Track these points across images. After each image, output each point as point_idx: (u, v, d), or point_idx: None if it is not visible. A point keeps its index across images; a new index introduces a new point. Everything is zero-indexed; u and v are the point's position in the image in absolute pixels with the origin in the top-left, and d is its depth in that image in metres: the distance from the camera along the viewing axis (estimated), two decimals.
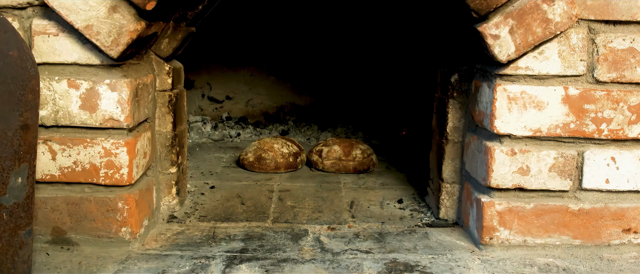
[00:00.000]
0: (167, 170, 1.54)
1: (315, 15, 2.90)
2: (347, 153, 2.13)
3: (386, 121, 2.97)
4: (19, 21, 1.24)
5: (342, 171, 2.12)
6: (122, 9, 1.21)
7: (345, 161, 2.11)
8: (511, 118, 1.30)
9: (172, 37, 1.49)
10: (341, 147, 2.14)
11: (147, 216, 1.41)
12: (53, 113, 1.25)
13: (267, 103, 3.09)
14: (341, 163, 2.12)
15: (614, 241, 1.36)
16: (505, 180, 1.33)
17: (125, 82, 1.25)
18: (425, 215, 1.65)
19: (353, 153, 2.14)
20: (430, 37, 2.49)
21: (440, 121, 1.59)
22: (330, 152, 2.14)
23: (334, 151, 2.13)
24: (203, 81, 3.05)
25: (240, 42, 2.96)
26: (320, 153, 2.16)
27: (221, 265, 1.25)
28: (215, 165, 2.25)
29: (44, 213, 1.30)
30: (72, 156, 1.27)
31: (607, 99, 1.29)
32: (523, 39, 1.25)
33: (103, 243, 1.31)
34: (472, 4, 1.25)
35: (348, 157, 2.12)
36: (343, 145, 2.16)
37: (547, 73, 1.29)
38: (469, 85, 1.49)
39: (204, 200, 1.75)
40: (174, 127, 1.53)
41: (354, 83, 3.03)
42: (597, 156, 1.32)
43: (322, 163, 2.14)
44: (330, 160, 2.12)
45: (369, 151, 2.19)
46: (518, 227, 1.35)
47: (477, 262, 1.30)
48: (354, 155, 2.13)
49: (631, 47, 1.28)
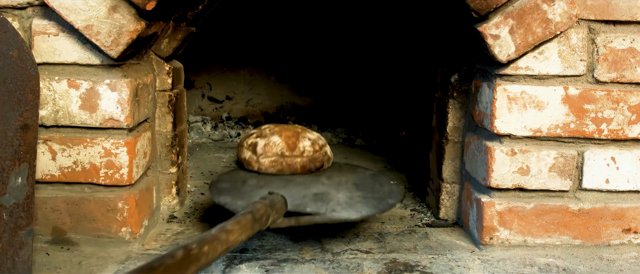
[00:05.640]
0: (167, 170, 1.54)
1: (315, 15, 2.90)
2: (292, 147, 1.53)
3: (386, 121, 2.97)
4: (19, 21, 1.24)
5: (286, 171, 1.53)
6: (122, 9, 1.21)
7: (291, 157, 1.53)
8: (511, 118, 1.30)
9: (172, 37, 1.49)
10: (283, 138, 1.54)
11: (147, 216, 1.41)
12: (53, 113, 1.25)
13: (267, 103, 3.09)
14: (285, 161, 1.53)
15: (614, 241, 1.36)
16: (505, 180, 1.33)
17: (125, 82, 1.25)
18: (425, 215, 1.65)
19: (300, 145, 1.55)
20: (430, 37, 2.49)
21: (440, 121, 1.59)
22: (269, 146, 1.53)
23: (274, 144, 1.53)
24: (203, 81, 3.05)
25: (240, 42, 2.96)
26: (255, 148, 1.54)
27: (221, 265, 1.25)
28: (216, 165, 2.25)
29: (44, 213, 1.30)
30: (72, 156, 1.27)
31: (607, 99, 1.29)
32: (523, 39, 1.25)
33: (103, 243, 1.31)
34: (472, 4, 1.25)
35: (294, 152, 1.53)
36: (285, 135, 1.55)
37: (547, 73, 1.29)
38: (469, 85, 1.50)
39: (204, 200, 1.75)
40: (174, 127, 1.53)
41: (353, 84, 3.03)
42: (597, 156, 1.32)
43: (258, 161, 1.53)
44: (269, 156, 1.52)
45: (321, 141, 1.61)
46: (518, 227, 1.35)
47: (477, 262, 1.30)
48: (302, 149, 1.55)
49: (631, 47, 1.28)
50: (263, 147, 1.53)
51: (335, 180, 1.49)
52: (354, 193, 1.40)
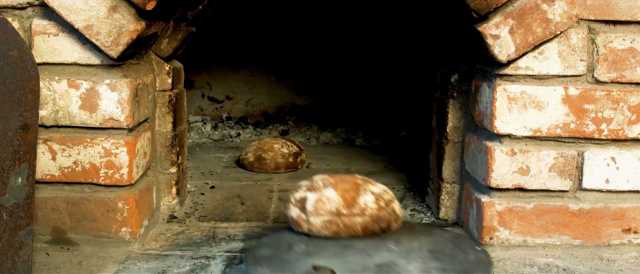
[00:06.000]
0: (167, 170, 1.54)
1: (315, 15, 2.90)
2: (351, 203, 1.21)
3: (386, 121, 2.97)
4: (19, 21, 1.24)
5: (343, 234, 1.21)
6: (122, 9, 1.21)
7: (349, 216, 1.21)
8: (511, 118, 1.30)
9: (172, 37, 1.49)
10: (339, 192, 1.22)
11: (147, 216, 1.41)
12: (53, 113, 1.25)
13: (267, 103, 3.09)
14: (342, 221, 1.21)
15: (614, 241, 1.36)
16: (505, 180, 1.33)
17: (125, 82, 1.25)
18: (425, 215, 1.64)
19: (360, 201, 1.22)
20: (430, 37, 2.49)
21: (440, 121, 1.59)
22: (322, 202, 1.21)
23: (328, 200, 1.22)
24: (203, 81, 3.05)
25: (240, 42, 2.96)
26: (304, 204, 1.23)
27: (221, 265, 1.25)
28: (215, 165, 2.25)
29: (44, 213, 1.30)
30: (72, 156, 1.27)
31: (607, 99, 1.29)
32: (523, 39, 1.25)
33: (103, 243, 1.31)
34: (472, 4, 1.25)
35: (352, 209, 1.21)
36: (342, 188, 1.24)
37: (547, 73, 1.29)
38: (469, 85, 1.49)
39: (204, 200, 1.75)
40: (174, 127, 1.53)
41: (353, 83, 3.03)
42: (597, 156, 1.32)
43: (309, 221, 1.22)
44: (322, 215, 1.21)
45: (387, 195, 1.27)
46: (518, 227, 1.35)
47: None
48: (363, 205, 1.22)
49: (631, 47, 1.28)
50: (314, 203, 1.23)
51: (405, 245, 1.20)
52: (429, 263, 1.11)
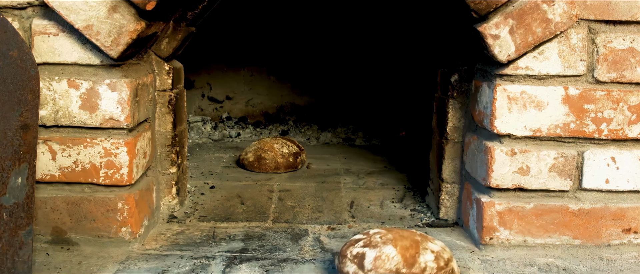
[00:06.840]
0: (167, 170, 1.54)
1: (315, 15, 2.90)
2: (411, 262, 1.15)
3: (386, 121, 2.97)
4: (19, 21, 1.24)
5: None
6: (122, 9, 1.21)
7: None
8: (511, 118, 1.30)
9: (172, 37, 1.49)
10: (399, 250, 1.16)
11: (147, 216, 1.41)
12: (53, 113, 1.25)
13: (267, 103, 3.09)
14: None
15: (614, 241, 1.36)
16: (505, 180, 1.33)
17: (125, 82, 1.25)
18: (425, 215, 1.65)
19: (420, 260, 1.15)
20: (430, 37, 2.49)
21: (440, 121, 1.59)
22: (381, 260, 1.15)
23: (388, 258, 1.15)
24: (203, 81, 3.05)
25: (240, 42, 2.96)
26: (362, 261, 1.16)
27: (221, 265, 1.25)
28: (215, 165, 2.25)
29: (44, 213, 1.30)
30: (72, 156, 1.27)
31: (607, 99, 1.29)
32: (523, 39, 1.25)
33: (103, 243, 1.31)
34: (472, 4, 1.25)
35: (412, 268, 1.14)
36: (402, 245, 1.17)
37: (547, 73, 1.29)
38: (469, 85, 1.50)
39: (204, 200, 1.75)
40: (174, 127, 1.53)
41: (354, 83, 3.03)
42: (597, 156, 1.32)
43: None
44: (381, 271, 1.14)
45: (446, 254, 1.20)
46: (518, 227, 1.35)
47: (477, 262, 1.30)
48: (423, 265, 1.15)
49: (631, 47, 1.28)
50: (373, 261, 1.17)
51: None
52: None
